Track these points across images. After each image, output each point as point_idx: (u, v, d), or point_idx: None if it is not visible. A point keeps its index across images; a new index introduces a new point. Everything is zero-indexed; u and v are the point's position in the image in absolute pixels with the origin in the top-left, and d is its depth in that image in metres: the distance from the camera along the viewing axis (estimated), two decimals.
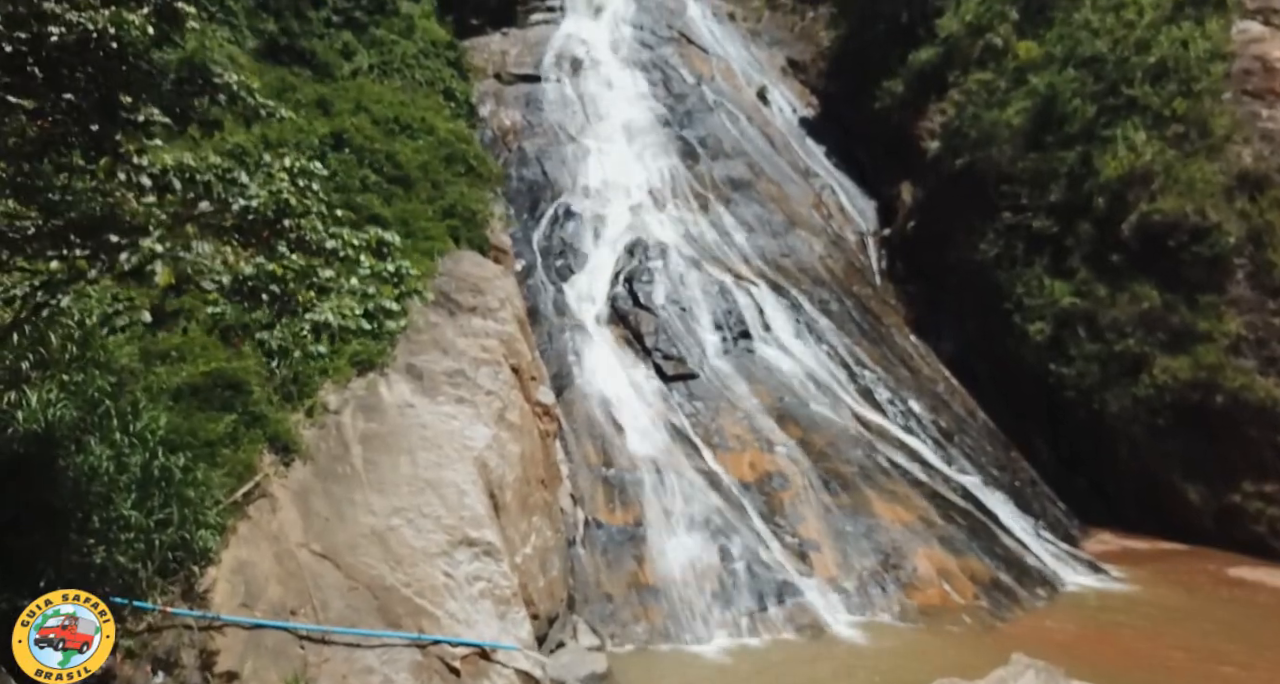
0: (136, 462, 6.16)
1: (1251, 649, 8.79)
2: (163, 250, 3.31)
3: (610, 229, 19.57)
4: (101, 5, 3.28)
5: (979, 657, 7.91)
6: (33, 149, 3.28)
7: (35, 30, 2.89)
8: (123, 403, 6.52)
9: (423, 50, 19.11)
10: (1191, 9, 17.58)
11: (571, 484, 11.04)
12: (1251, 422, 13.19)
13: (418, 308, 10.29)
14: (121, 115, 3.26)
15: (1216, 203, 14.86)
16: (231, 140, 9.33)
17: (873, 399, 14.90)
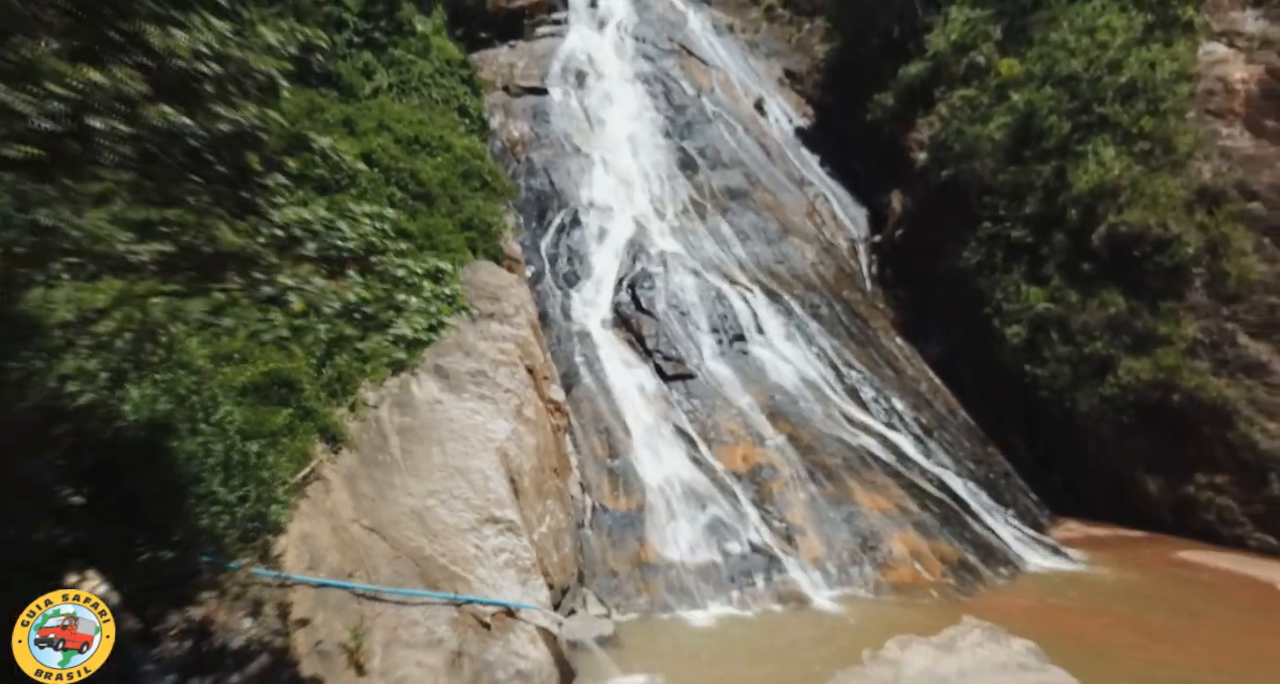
0: (220, 448, 7.31)
1: (1182, 618, 9.90)
2: (292, 284, 4.46)
3: (614, 238, 20.72)
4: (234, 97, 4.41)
5: (940, 623, 9.01)
6: (194, 217, 4.45)
7: (208, 127, 4.01)
8: (204, 397, 7.68)
9: (438, 69, 20.25)
10: (1161, 32, 18.70)
11: (580, 474, 12.18)
12: (1205, 419, 14.30)
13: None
14: (257, 182, 4.39)
15: (1178, 215, 15.97)
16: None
17: (858, 397, 16.02)
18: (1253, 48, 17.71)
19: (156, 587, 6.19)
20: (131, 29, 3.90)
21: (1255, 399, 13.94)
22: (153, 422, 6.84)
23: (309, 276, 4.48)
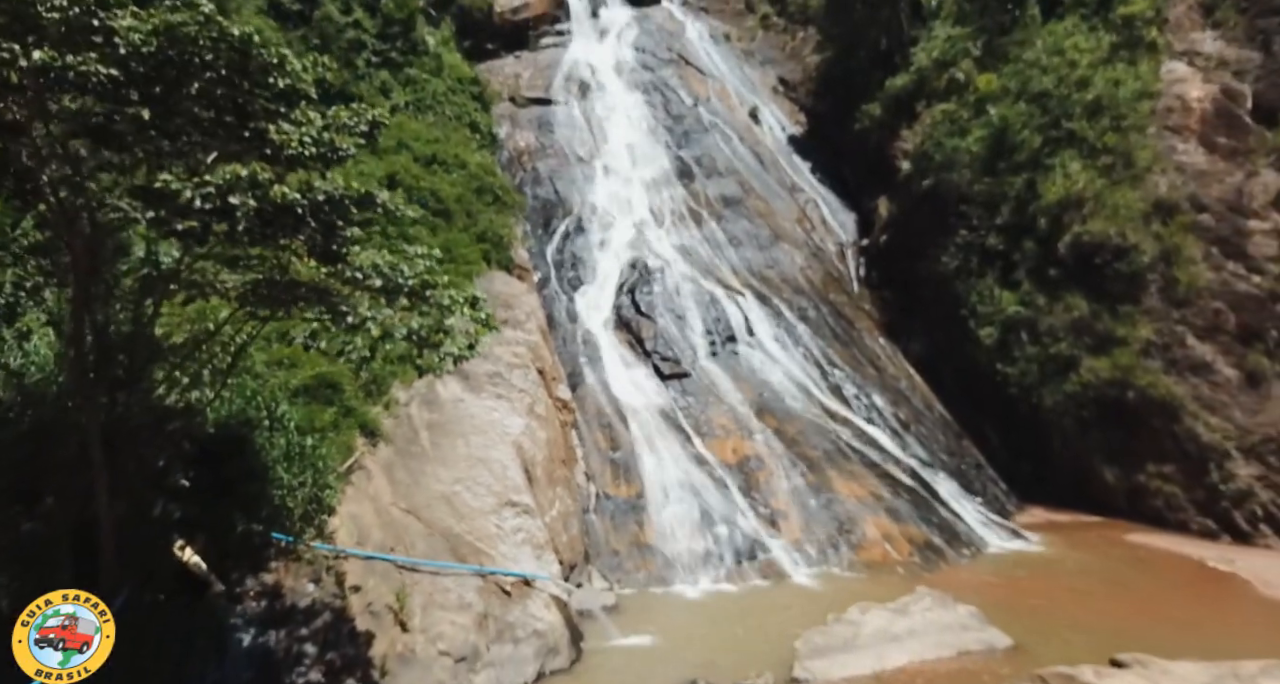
0: (282, 441, 8.67)
1: (1112, 588, 11.22)
2: (369, 315, 5.79)
3: (615, 244, 22.02)
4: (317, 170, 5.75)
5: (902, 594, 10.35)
6: (272, 252, 5.81)
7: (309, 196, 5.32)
8: (266, 398, 9.04)
9: (450, 87, 21.56)
10: (1126, 51, 19.95)
11: (585, 464, 13.52)
12: (1155, 414, 15.62)
13: None
14: (340, 234, 5.68)
15: (1136, 226, 17.26)
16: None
17: (840, 394, 17.36)
18: (1210, 67, 18.98)
19: (241, 555, 7.55)
20: (258, 127, 5.22)
21: (1200, 396, 15.26)
22: (231, 418, 8.19)
23: (381, 308, 5.82)
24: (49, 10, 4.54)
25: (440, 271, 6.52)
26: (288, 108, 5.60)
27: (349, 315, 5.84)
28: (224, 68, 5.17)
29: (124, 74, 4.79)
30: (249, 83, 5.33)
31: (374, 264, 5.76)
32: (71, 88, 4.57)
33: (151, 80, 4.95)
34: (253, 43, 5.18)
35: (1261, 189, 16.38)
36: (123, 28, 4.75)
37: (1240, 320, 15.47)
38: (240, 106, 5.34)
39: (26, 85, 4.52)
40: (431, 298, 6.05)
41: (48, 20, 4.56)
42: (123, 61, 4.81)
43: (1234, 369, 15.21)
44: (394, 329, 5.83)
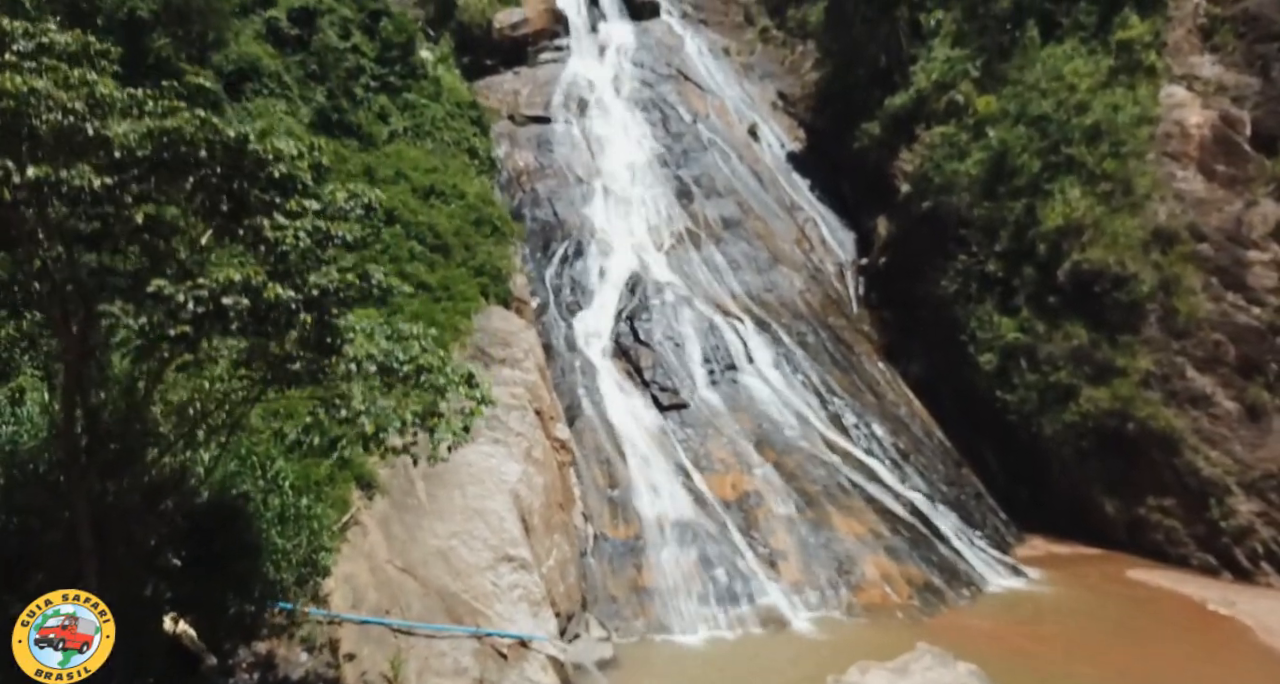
0: (276, 503, 8.62)
1: (1113, 634, 11.19)
2: (363, 408, 5.78)
3: (614, 268, 21.98)
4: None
5: (903, 642, 10.29)
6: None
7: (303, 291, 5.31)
8: (260, 455, 9.00)
9: (449, 112, 21.52)
10: (1125, 75, 19.89)
11: (583, 504, 13.48)
12: (1155, 446, 15.57)
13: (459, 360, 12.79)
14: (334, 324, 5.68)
15: (1135, 254, 17.21)
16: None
17: (840, 424, 17.31)
18: (1209, 92, 18.92)
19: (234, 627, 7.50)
20: (252, 223, 5.20)
21: (1200, 429, 15.21)
22: (226, 487, 8.14)
23: (374, 400, 5.79)
24: (43, 122, 4.51)
25: (435, 352, 6.47)
26: (283, 197, 5.57)
27: (343, 408, 5.82)
28: (219, 165, 5.15)
29: (118, 179, 4.76)
30: (243, 177, 5.31)
31: (369, 354, 5.73)
32: (66, 200, 4.55)
33: (145, 182, 4.92)
34: (247, 141, 5.15)
35: (1261, 219, 16.33)
36: (117, 135, 4.72)
37: (1240, 352, 15.42)
38: (235, 199, 5.31)
39: (21, 200, 4.49)
40: (427, 381, 6.02)
41: (42, 132, 4.53)
42: (118, 166, 4.79)
43: (1234, 402, 15.16)
44: (388, 423, 5.81)
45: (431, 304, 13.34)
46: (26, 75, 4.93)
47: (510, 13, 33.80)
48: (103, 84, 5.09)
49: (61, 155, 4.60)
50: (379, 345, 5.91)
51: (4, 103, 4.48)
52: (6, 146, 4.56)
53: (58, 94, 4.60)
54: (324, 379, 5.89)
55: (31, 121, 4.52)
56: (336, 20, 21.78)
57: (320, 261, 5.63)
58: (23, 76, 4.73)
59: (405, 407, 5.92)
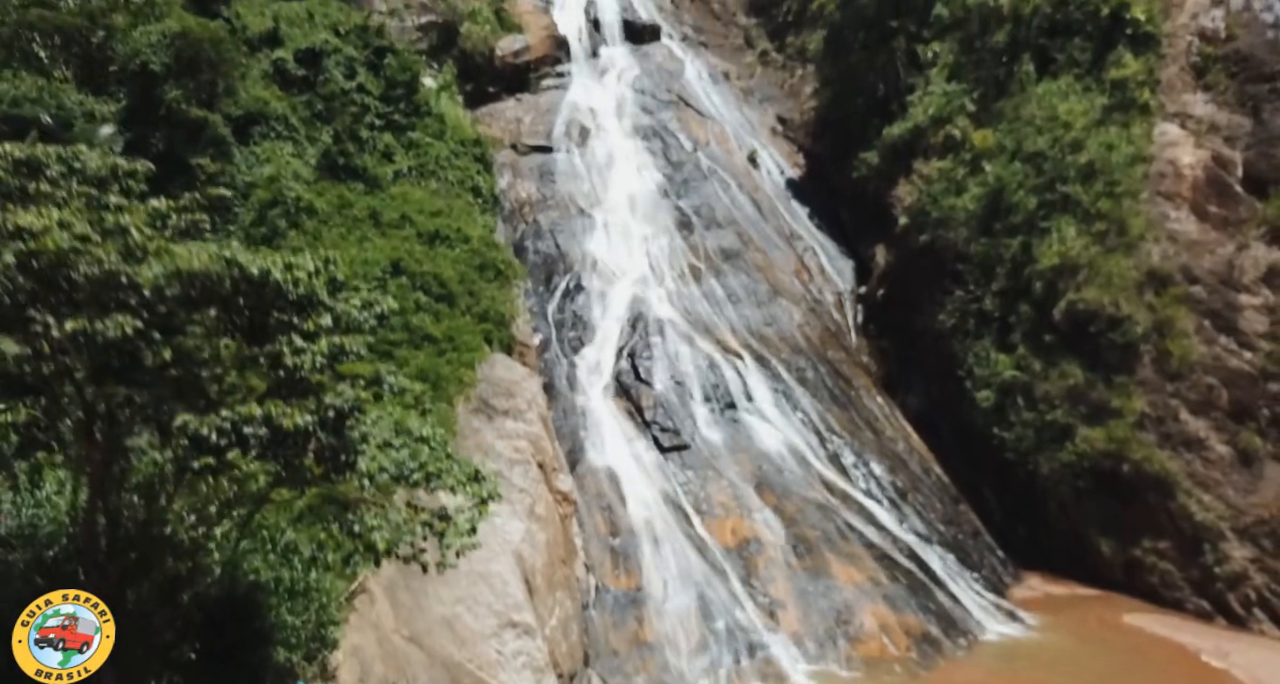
0: (286, 578, 8.86)
1: None
2: (376, 524, 6.06)
3: (615, 302, 22.24)
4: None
5: None
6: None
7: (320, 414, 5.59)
8: (271, 528, 9.24)
9: (453, 151, 21.84)
10: (1119, 113, 20.15)
11: (585, 554, 13.73)
12: (1150, 488, 15.77)
13: (463, 413, 13.06)
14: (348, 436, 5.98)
15: (1129, 295, 17.44)
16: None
17: (839, 463, 17.55)
18: (1201, 131, 19.17)
19: None
20: (273, 351, 5.48)
21: (1194, 473, 15.42)
22: (236, 563, 8.38)
23: (385, 514, 6.06)
24: (80, 274, 4.79)
25: (442, 448, 6.74)
26: (300, 316, 5.84)
27: (355, 523, 6.09)
28: (241, 297, 5.43)
29: (147, 320, 5.04)
30: (264, 304, 5.59)
31: (380, 467, 6.00)
32: (99, 348, 4.82)
33: (172, 319, 5.20)
34: (269, 275, 5.43)
35: (1252, 263, 16.56)
36: (147, 279, 5.00)
37: (1232, 397, 15.64)
38: (255, 325, 5.59)
39: (56, 350, 4.76)
40: (437, 486, 6.29)
41: (79, 283, 4.81)
42: (146, 305, 5.06)
43: (1227, 446, 15.37)
44: (400, 537, 6.09)
45: (436, 357, 13.60)
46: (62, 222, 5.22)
47: (512, 39, 34.13)
48: (134, 225, 5.36)
49: (96, 305, 4.88)
50: (391, 456, 6.18)
51: (44, 257, 4.76)
52: (44, 299, 4.83)
53: (95, 250, 4.87)
54: (337, 481, 6.17)
55: (69, 273, 4.80)
56: (342, 60, 22.15)
57: (336, 378, 5.91)
58: (62, 231, 5.01)
59: (416, 518, 6.19)
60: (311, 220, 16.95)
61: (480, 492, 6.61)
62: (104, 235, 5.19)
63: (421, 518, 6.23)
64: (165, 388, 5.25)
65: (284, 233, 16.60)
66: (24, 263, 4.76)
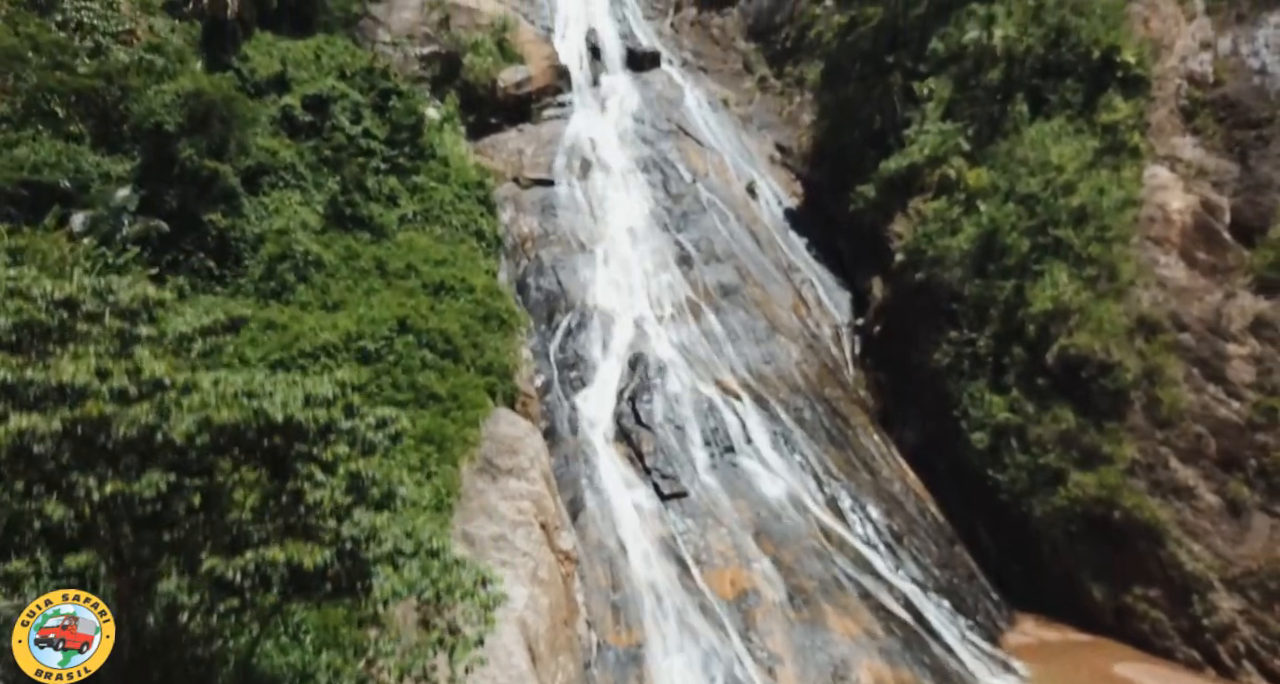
0: (297, 661, 9.24)
1: None
2: (390, 650, 6.49)
3: (616, 341, 22.64)
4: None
5: None
6: None
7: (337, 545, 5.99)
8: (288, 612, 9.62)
9: (457, 194, 22.30)
10: (1110, 157, 20.55)
11: (586, 609, 14.10)
12: (1141, 536, 16.10)
13: (467, 473, 13.48)
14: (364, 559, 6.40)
15: (1120, 342, 17.80)
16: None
17: (836, 508, 17.91)
18: (1190, 175, 19.56)
19: None
20: (294, 487, 5.89)
21: (1184, 521, 15.75)
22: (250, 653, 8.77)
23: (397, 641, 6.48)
24: (120, 435, 5.19)
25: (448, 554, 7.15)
26: (319, 444, 6.25)
27: (370, 649, 6.51)
28: (265, 440, 5.85)
29: (177, 469, 5.45)
30: (286, 439, 6.00)
31: (394, 590, 6.41)
32: (135, 505, 5.22)
33: (199, 463, 5.62)
34: (293, 418, 5.84)
35: (1239, 312, 16.91)
36: (180, 432, 5.41)
37: (1221, 446, 15.98)
38: (278, 465, 6.00)
39: (95, 511, 5.17)
40: (447, 602, 6.70)
41: (118, 444, 5.21)
42: (178, 453, 5.47)
43: (1215, 495, 15.71)
44: (413, 664, 6.51)
45: (441, 417, 14.00)
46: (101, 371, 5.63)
47: (515, 70, 34.62)
48: (167, 375, 5.75)
49: (132, 456, 5.29)
50: (404, 577, 6.59)
51: (87, 423, 5.17)
52: (85, 459, 5.25)
53: (132, 411, 5.28)
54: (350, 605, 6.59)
55: (109, 434, 5.21)
56: (348, 105, 22.63)
57: (354, 505, 6.32)
58: (101, 382, 5.43)
59: (428, 637, 6.59)
60: (319, 274, 17.41)
61: (488, 600, 7.00)
62: (139, 388, 5.60)
63: (433, 637, 6.63)
64: (195, 531, 5.65)
65: (292, 287, 17.05)
66: (68, 429, 5.18)
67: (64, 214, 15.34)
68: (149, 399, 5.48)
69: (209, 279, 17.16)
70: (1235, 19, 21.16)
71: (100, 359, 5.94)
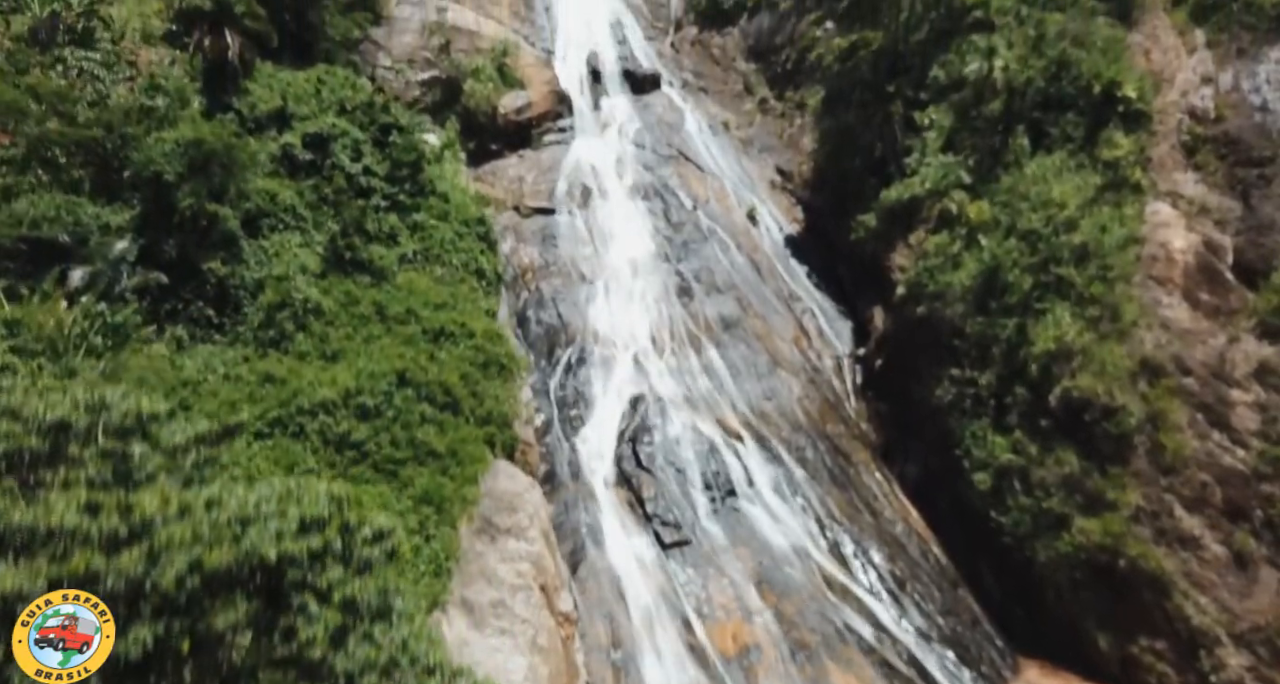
0: None
1: None
2: None
3: (617, 377, 22.62)
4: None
5: None
6: None
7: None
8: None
9: (457, 232, 22.28)
10: (1111, 193, 20.45)
11: (586, 670, 14.03)
12: (1146, 586, 15.96)
13: (466, 534, 13.42)
14: None
15: (1123, 385, 17.67)
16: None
17: (839, 554, 17.81)
18: (1192, 213, 19.44)
19: None
20: (287, 624, 5.85)
21: (1190, 572, 15.61)
22: None
23: None
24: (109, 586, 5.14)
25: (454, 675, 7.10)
26: (313, 570, 6.20)
27: None
28: (258, 576, 5.81)
29: (166, 613, 5.40)
30: (279, 572, 5.95)
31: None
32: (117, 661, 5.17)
33: (189, 608, 5.56)
34: (287, 551, 5.80)
35: (1243, 357, 16.78)
36: (170, 580, 5.35)
37: (1226, 495, 15.84)
38: (270, 599, 5.95)
39: None
40: None
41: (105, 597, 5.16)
42: (166, 599, 5.42)
43: (1222, 546, 15.57)
44: None
45: (440, 476, 13.96)
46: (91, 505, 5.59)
47: (515, 96, 34.64)
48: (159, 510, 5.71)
49: (119, 614, 5.24)
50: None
51: (74, 576, 5.13)
52: None
53: (121, 561, 5.23)
54: None
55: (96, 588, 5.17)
56: (349, 143, 22.64)
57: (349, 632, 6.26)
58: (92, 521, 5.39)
59: None
60: (319, 321, 17.39)
61: None
62: (130, 526, 5.55)
63: None
64: (182, 679, 5.60)
65: (291, 335, 17.04)
66: (56, 582, 5.13)
67: (63, 270, 15.37)
68: (139, 541, 5.43)
69: (208, 327, 17.16)
70: (1236, 53, 21.05)
71: (91, 491, 5.91)
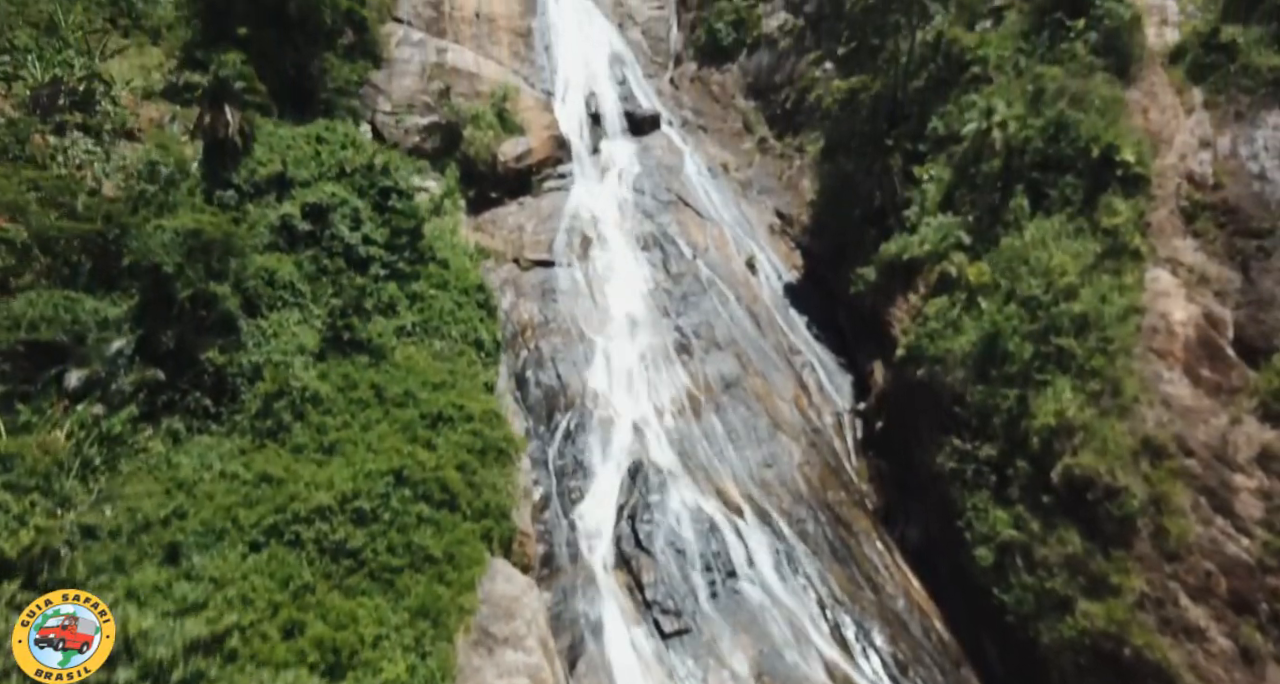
0: None
1: None
2: None
3: (615, 445, 22.52)
4: None
5: None
6: None
7: None
8: None
9: (457, 301, 22.26)
10: (1111, 260, 20.33)
11: None
12: (1152, 677, 15.77)
13: (463, 647, 13.38)
14: None
15: (1125, 464, 17.51)
16: None
17: (840, 636, 17.69)
18: (1192, 282, 19.31)
19: None
20: None
21: (1195, 665, 15.43)
22: None
23: None
24: None
25: None
26: None
27: None
28: None
29: None
30: None
31: None
32: None
33: None
34: None
35: (1246, 441, 16.62)
36: None
37: (1231, 585, 15.66)
38: None
39: None
40: None
41: None
42: None
43: (1228, 639, 15.38)
44: None
45: (437, 584, 13.90)
46: None
47: (515, 143, 34.71)
48: None
49: None
50: None
51: None
52: None
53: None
54: None
55: None
56: (348, 213, 22.66)
57: None
58: None
59: None
60: (316, 410, 17.39)
61: None
62: None
63: None
64: None
65: (289, 426, 17.03)
66: None
67: (60, 372, 15.44)
68: None
69: (204, 418, 17.16)
70: (1234, 117, 20.98)
71: None
